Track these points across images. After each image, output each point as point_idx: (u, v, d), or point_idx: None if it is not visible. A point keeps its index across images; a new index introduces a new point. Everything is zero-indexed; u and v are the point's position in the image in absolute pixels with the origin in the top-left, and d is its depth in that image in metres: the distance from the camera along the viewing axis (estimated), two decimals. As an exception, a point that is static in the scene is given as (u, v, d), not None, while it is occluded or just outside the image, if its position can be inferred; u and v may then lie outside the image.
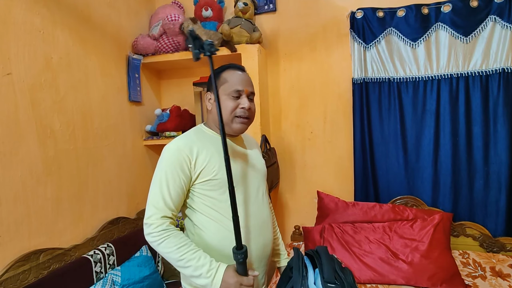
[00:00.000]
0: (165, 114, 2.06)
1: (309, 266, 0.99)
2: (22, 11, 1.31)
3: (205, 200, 1.00)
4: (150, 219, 0.93)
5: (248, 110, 1.04)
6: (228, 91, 1.03)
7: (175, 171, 0.95)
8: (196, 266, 0.89)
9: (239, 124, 1.04)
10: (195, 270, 0.89)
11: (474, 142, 1.76)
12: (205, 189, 0.99)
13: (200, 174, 0.98)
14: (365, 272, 1.57)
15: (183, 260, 0.90)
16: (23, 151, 1.30)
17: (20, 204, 1.28)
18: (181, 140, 1.00)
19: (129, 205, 1.93)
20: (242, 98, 1.04)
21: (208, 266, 0.89)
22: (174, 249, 0.90)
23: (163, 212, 0.93)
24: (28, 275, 1.26)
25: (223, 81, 1.05)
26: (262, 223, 1.08)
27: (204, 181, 0.98)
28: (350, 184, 2.00)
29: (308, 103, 2.10)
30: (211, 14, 1.99)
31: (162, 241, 0.91)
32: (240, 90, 1.03)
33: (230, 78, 1.04)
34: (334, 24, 1.99)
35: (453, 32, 1.75)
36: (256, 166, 1.12)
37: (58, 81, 1.47)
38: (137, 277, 1.60)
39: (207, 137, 1.06)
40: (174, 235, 0.92)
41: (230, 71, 1.07)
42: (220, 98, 1.02)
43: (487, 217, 1.76)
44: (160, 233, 0.91)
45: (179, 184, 0.96)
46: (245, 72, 1.10)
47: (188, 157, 0.97)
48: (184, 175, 0.96)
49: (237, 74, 1.06)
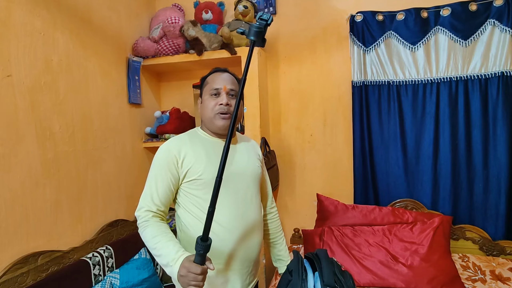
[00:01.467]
0: (164, 116, 2.06)
1: (309, 270, 0.99)
2: (22, 13, 1.32)
3: (191, 198, 1.06)
4: (138, 212, 1.03)
5: (227, 105, 1.08)
6: (209, 91, 1.10)
7: (163, 170, 1.03)
8: (165, 254, 0.93)
9: (220, 121, 1.08)
10: (164, 258, 0.93)
11: (473, 145, 1.76)
12: (191, 188, 1.05)
13: (186, 173, 1.04)
14: (365, 276, 1.57)
15: (156, 248, 0.95)
16: (22, 153, 1.30)
17: (19, 206, 1.28)
18: (172, 141, 1.09)
19: (128, 208, 1.92)
20: (221, 95, 1.09)
21: (174, 255, 0.92)
22: (150, 238, 0.96)
23: (149, 207, 1.01)
24: (26, 277, 1.25)
25: (206, 84, 1.13)
26: (248, 225, 1.09)
27: (190, 181, 1.04)
28: (349, 187, 2.00)
29: (308, 106, 2.10)
30: (211, 17, 2.00)
31: (143, 231, 0.99)
32: (218, 88, 1.09)
33: (211, 80, 1.12)
34: (334, 27, 2.00)
35: (452, 36, 1.75)
36: (247, 168, 1.14)
37: (58, 83, 1.47)
38: (135, 280, 1.59)
39: (199, 139, 1.12)
40: (152, 226, 0.98)
41: (213, 74, 1.14)
42: (204, 99, 1.12)
43: (487, 220, 1.76)
44: (142, 224, 0.99)
45: (167, 182, 1.03)
46: (227, 72, 1.15)
47: (176, 157, 1.04)
48: (171, 174, 1.04)
49: (217, 75, 1.13)
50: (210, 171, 1.03)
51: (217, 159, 1.04)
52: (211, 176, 1.02)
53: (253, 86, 1.86)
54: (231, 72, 1.17)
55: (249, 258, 1.10)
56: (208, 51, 1.92)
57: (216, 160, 1.04)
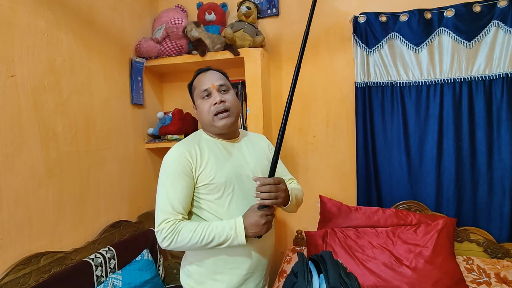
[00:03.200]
0: (167, 117, 2.06)
1: (314, 271, 0.98)
2: (26, 14, 1.32)
3: (202, 203, 1.03)
4: (160, 226, 0.95)
5: (221, 102, 1.04)
6: (199, 94, 1.07)
7: (179, 175, 0.98)
8: (219, 234, 0.93)
9: (221, 121, 1.05)
10: (220, 238, 0.93)
11: (477, 146, 1.75)
12: (202, 193, 1.02)
13: (198, 178, 1.01)
14: (369, 278, 1.55)
15: (205, 237, 0.93)
16: (25, 153, 1.30)
17: (22, 207, 1.27)
18: (180, 146, 1.04)
19: (130, 209, 1.92)
20: (213, 94, 1.06)
21: (228, 225, 0.93)
22: (191, 235, 0.93)
23: (173, 216, 0.96)
24: (29, 278, 1.24)
25: (194, 89, 1.10)
26: None
27: (202, 185, 1.01)
28: (352, 188, 1.99)
29: (311, 107, 2.10)
30: (214, 18, 2.00)
31: (176, 238, 0.94)
32: (207, 88, 1.06)
33: (197, 83, 1.09)
34: (337, 28, 1.99)
35: (456, 37, 1.75)
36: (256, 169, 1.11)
37: (61, 83, 1.47)
38: (138, 281, 1.58)
39: (204, 141, 1.08)
40: (183, 226, 0.95)
41: (198, 76, 1.11)
42: (197, 105, 1.08)
43: (491, 222, 1.74)
44: (171, 232, 0.94)
45: (186, 186, 0.99)
46: (211, 70, 1.12)
47: (189, 160, 1.00)
48: (189, 177, 0.99)
49: (201, 76, 1.10)
50: (221, 174, 1.01)
51: (225, 162, 1.05)
52: (223, 179, 1.01)
53: (256, 87, 1.86)
54: (216, 68, 1.14)
55: (264, 260, 1.10)
56: (211, 52, 1.92)
57: (225, 163, 1.04)
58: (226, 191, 1.01)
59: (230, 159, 1.06)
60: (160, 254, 1.92)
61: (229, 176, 1.02)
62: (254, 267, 1.06)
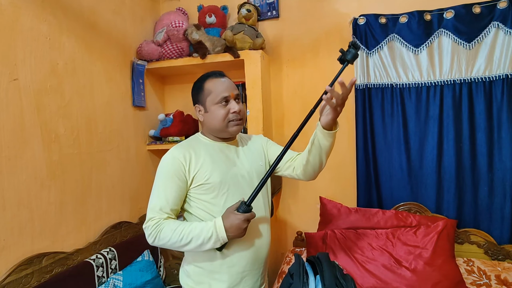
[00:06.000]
0: (168, 119, 2.07)
1: (310, 273, 0.99)
2: (29, 18, 1.34)
3: (199, 203, 1.06)
4: (147, 223, 1.00)
5: (239, 112, 1.09)
6: (217, 100, 1.08)
7: (171, 178, 1.02)
8: (197, 235, 0.94)
9: (234, 127, 1.09)
10: (198, 239, 0.94)
11: (478, 148, 1.74)
12: (198, 193, 1.05)
13: (193, 179, 1.04)
14: (368, 279, 1.56)
15: (183, 237, 0.95)
16: (28, 155, 1.32)
17: (24, 208, 1.29)
18: (175, 150, 1.07)
19: (131, 210, 1.93)
20: (231, 102, 1.09)
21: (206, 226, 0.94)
22: (171, 234, 0.96)
23: (158, 215, 1.00)
24: (31, 279, 1.26)
25: (208, 92, 1.10)
26: (258, 225, 1.10)
27: (198, 186, 1.04)
28: (353, 190, 1.99)
29: (311, 108, 2.10)
30: (214, 21, 2.01)
31: (158, 235, 0.97)
32: (227, 96, 1.08)
33: (214, 88, 1.09)
34: (337, 30, 2.00)
35: (456, 38, 1.75)
36: (251, 169, 1.14)
37: (63, 86, 1.49)
38: (138, 282, 1.60)
39: (201, 144, 1.12)
40: (166, 224, 0.98)
41: (212, 80, 1.11)
42: (210, 109, 1.09)
43: (492, 224, 1.73)
44: (154, 230, 0.97)
45: (176, 189, 1.02)
46: (225, 77, 1.15)
47: (182, 164, 1.03)
48: (180, 181, 1.03)
49: (220, 82, 1.11)
50: (216, 174, 1.04)
51: (222, 163, 1.08)
52: (218, 179, 1.04)
53: (256, 89, 1.87)
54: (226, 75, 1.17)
55: (260, 258, 1.12)
56: (212, 54, 1.93)
57: (221, 164, 1.08)
58: (221, 190, 1.04)
59: (226, 161, 1.10)
60: (161, 255, 1.93)
61: (224, 176, 1.05)
62: (251, 265, 1.08)
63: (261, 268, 1.13)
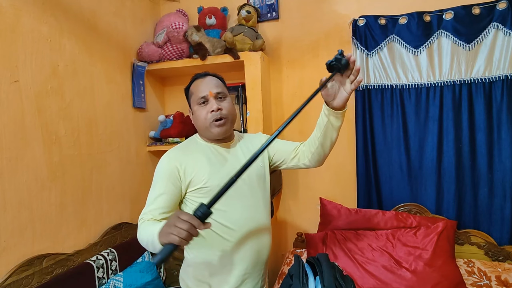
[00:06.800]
0: (168, 121, 2.08)
1: (310, 274, 0.99)
2: (30, 20, 1.35)
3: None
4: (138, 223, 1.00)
5: (218, 110, 1.05)
6: (196, 101, 1.07)
7: (165, 181, 1.02)
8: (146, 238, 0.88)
9: (216, 128, 1.06)
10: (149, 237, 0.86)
11: (478, 149, 1.74)
12: (197, 197, 1.04)
13: (190, 183, 1.03)
14: (368, 280, 1.56)
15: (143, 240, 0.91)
16: (29, 156, 1.32)
17: (25, 209, 1.30)
18: (172, 152, 1.07)
19: (132, 211, 1.94)
20: (210, 101, 1.06)
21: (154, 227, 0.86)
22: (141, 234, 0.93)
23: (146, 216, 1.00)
24: (31, 280, 1.27)
25: (191, 94, 1.10)
26: (258, 228, 1.09)
27: (195, 189, 1.03)
28: (353, 191, 1.99)
29: (311, 109, 2.08)
30: (214, 22, 2.02)
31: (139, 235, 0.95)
32: (204, 96, 1.06)
33: (195, 89, 1.09)
34: (337, 31, 2.01)
35: (456, 39, 1.75)
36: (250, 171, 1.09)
37: (64, 88, 1.50)
38: (139, 283, 1.60)
39: (199, 146, 1.10)
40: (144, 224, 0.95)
41: (195, 82, 1.11)
42: (194, 110, 1.09)
43: (492, 225, 1.73)
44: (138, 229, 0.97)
45: (168, 192, 1.01)
46: (209, 75, 1.12)
47: (177, 168, 1.03)
48: (174, 186, 1.02)
49: (199, 82, 1.10)
50: (214, 177, 1.02)
51: (219, 165, 1.06)
52: (216, 182, 1.02)
53: (256, 90, 1.87)
54: (213, 74, 1.14)
55: (260, 261, 1.11)
56: (212, 55, 1.94)
57: (219, 166, 1.06)
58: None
59: (224, 163, 1.08)
60: (161, 256, 1.93)
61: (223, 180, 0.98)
62: (251, 268, 1.07)
63: (262, 270, 1.13)
